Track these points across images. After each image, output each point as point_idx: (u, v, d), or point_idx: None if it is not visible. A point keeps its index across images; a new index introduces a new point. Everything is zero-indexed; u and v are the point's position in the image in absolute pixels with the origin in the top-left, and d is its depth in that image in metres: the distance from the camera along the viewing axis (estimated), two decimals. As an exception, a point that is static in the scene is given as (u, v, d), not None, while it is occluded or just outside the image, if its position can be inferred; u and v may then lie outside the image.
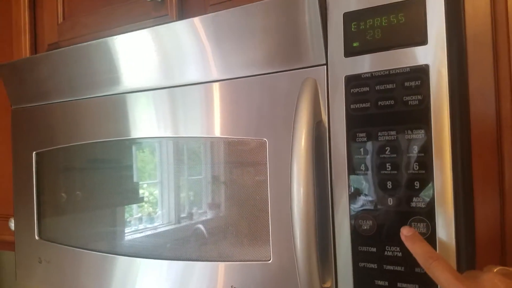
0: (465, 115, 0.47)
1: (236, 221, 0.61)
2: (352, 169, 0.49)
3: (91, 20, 0.82)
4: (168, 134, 0.65)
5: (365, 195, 0.49)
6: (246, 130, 0.58)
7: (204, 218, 0.65)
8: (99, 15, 0.81)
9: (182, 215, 0.68)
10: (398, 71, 0.47)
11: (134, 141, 0.70)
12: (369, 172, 0.48)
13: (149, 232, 0.71)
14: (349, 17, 0.50)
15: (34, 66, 0.77)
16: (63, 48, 0.73)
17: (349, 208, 0.50)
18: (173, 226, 0.69)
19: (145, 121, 0.67)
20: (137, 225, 0.72)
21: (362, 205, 0.49)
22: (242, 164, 0.61)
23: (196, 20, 0.60)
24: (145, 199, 0.72)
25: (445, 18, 0.45)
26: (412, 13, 0.47)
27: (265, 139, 0.56)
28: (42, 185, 0.81)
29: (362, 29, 0.49)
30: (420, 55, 0.46)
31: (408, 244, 0.43)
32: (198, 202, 0.66)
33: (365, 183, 0.49)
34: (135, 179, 0.72)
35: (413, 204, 0.46)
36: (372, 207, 0.48)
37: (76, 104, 0.75)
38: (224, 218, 0.63)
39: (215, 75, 0.61)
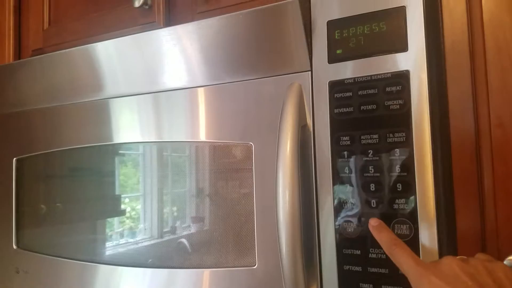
0: (445, 119, 0.49)
1: (221, 227, 0.61)
2: (336, 172, 0.50)
3: (78, 26, 0.82)
4: (152, 139, 0.65)
5: (349, 197, 0.49)
6: (232, 134, 0.58)
7: (188, 224, 0.65)
8: (86, 21, 0.81)
9: (166, 222, 0.67)
10: (380, 77, 0.48)
11: (116, 147, 0.70)
12: (353, 175, 0.49)
13: (131, 240, 0.70)
14: (333, 25, 0.52)
15: (14, 73, 0.76)
16: (43, 55, 0.73)
17: (334, 211, 0.50)
18: (156, 233, 0.68)
19: (128, 127, 0.67)
20: (119, 234, 0.71)
21: (346, 208, 0.50)
22: (227, 169, 0.61)
23: (180, 28, 0.60)
24: (128, 207, 0.71)
25: (424, 26, 0.47)
26: (393, 21, 0.48)
27: (251, 143, 0.57)
28: (21, 192, 0.79)
29: (345, 36, 0.51)
30: (401, 61, 0.48)
31: (375, 233, 0.45)
32: (181, 209, 0.66)
33: (349, 185, 0.49)
34: (117, 187, 0.72)
35: (395, 206, 0.47)
36: (356, 210, 0.49)
37: (58, 110, 0.74)
38: (209, 223, 0.63)
39: (200, 81, 0.61)
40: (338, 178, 0.50)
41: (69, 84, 0.72)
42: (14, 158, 0.78)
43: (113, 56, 0.67)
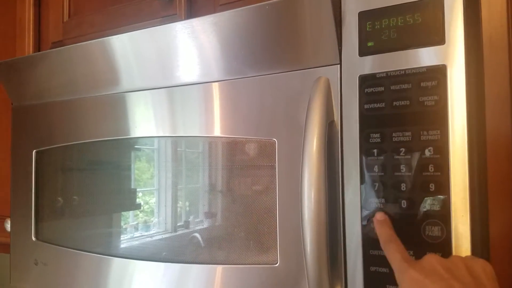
0: (482, 117, 0.47)
1: (242, 223, 0.60)
2: (365, 171, 0.48)
3: (98, 19, 0.82)
4: (171, 133, 0.64)
5: (378, 197, 0.47)
6: (254, 130, 0.57)
7: (207, 220, 0.64)
8: (106, 13, 0.80)
9: (185, 217, 0.66)
10: (414, 71, 0.46)
11: (133, 140, 0.69)
12: (383, 174, 0.47)
13: (147, 234, 0.69)
14: (364, 16, 0.49)
15: (34, 65, 0.76)
16: (62, 47, 0.72)
17: (361, 211, 0.48)
18: (173, 228, 0.67)
19: (144, 121, 0.66)
20: (135, 227, 0.71)
21: (375, 208, 0.48)
22: (249, 165, 0.60)
23: (196, 21, 0.59)
24: (144, 201, 0.70)
25: (463, 18, 0.45)
26: (429, 13, 0.46)
27: (274, 139, 0.55)
28: (41, 184, 0.79)
29: (378, 28, 0.49)
30: (437, 55, 0.45)
31: (377, 227, 0.46)
32: (202, 204, 0.65)
33: (378, 185, 0.48)
34: (133, 180, 0.71)
35: (427, 207, 0.45)
36: (385, 210, 0.47)
37: (76, 103, 0.73)
38: (229, 220, 0.61)
39: (217, 76, 0.60)
40: (366, 177, 0.48)
41: (87, 77, 0.71)
42: (34, 150, 0.78)
43: (128, 50, 0.66)
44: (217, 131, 0.60)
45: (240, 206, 0.61)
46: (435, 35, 0.45)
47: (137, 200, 0.71)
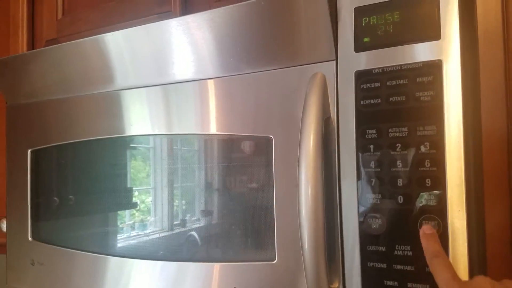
0: (477, 112, 0.47)
1: (239, 221, 0.60)
2: (361, 167, 0.48)
3: (92, 16, 0.81)
4: (167, 131, 0.64)
5: (375, 193, 0.48)
6: (251, 127, 0.57)
7: (205, 218, 0.64)
8: (101, 10, 0.80)
9: (181, 215, 0.66)
10: (410, 67, 0.46)
11: (128, 139, 0.69)
12: (379, 170, 0.47)
13: (144, 233, 0.69)
14: (360, 12, 0.49)
15: (27, 63, 0.75)
16: (55, 45, 0.71)
17: (358, 207, 0.48)
18: (170, 227, 0.67)
19: (139, 119, 0.66)
20: (132, 226, 0.70)
21: (372, 204, 0.48)
22: (245, 162, 0.60)
23: (191, 17, 0.58)
24: (140, 200, 0.70)
25: (458, 13, 0.45)
26: (425, 8, 0.46)
27: (270, 135, 0.55)
28: (36, 184, 0.78)
29: (373, 24, 0.49)
30: (433, 50, 0.45)
31: (423, 241, 0.43)
32: (199, 202, 0.65)
33: (375, 180, 0.48)
34: (129, 179, 0.71)
35: (424, 202, 0.45)
36: (381, 205, 0.47)
37: (71, 101, 0.73)
38: (227, 218, 0.61)
39: (211, 73, 0.60)
40: (363, 173, 0.48)
41: (81, 75, 0.71)
42: (29, 150, 0.78)
43: (122, 47, 0.65)
44: (213, 129, 0.60)
45: (237, 203, 0.61)
46: (431, 31, 0.45)
47: (134, 199, 0.70)
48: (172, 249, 0.65)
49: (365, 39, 0.49)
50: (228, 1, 0.67)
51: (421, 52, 0.46)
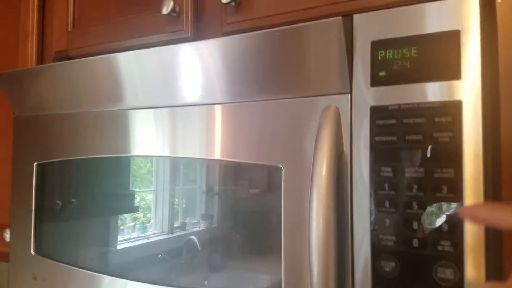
0: (497, 156, 0.45)
1: (246, 254, 0.59)
2: (375, 206, 0.47)
3: (103, 30, 0.80)
4: (167, 154, 0.63)
5: (389, 234, 0.46)
6: (256, 155, 0.55)
7: (210, 248, 0.63)
8: (111, 25, 0.79)
9: (184, 243, 0.65)
10: (428, 105, 0.45)
11: (133, 159, 0.68)
12: (394, 210, 0.46)
13: (146, 255, 0.68)
14: (377, 46, 0.48)
15: (37, 76, 0.75)
16: (67, 61, 0.70)
17: (371, 247, 0.47)
18: (169, 248, 0.66)
19: (145, 139, 0.65)
20: (135, 247, 0.70)
21: (385, 245, 0.46)
22: (255, 190, 0.59)
23: (203, 43, 0.57)
24: (142, 215, 0.70)
25: (480, 53, 0.43)
26: (445, 46, 0.44)
27: (281, 166, 0.54)
28: (40, 198, 0.78)
29: (390, 58, 0.47)
30: (453, 90, 0.44)
31: None
32: (205, 232, 0.63)
33: (389, 221, 0.46)
34: (133, 200, 0.70)
35: (440, 248, 0.44)
36: (395, 248, 0.45)
37: (78, 117, 0.72)
38: (232, 251, 0.60)
39: (220, 98, 0.58)
40: (376, 213, 0.47)
41: (91, 92, 0.70)
42: (35, 163, 0.77)
43: (134, 67, 0.64)
44: (217, 154, 0.59)
45: (244, 234, 0.59)
46: (451, 69, 0.44)
47: (136, 220, 0.70)
48: (171, 271, 0.64)
49: (381, 73, 0.48)
50: (241, 24, 0.66)
51: (440, 91, 0.44)
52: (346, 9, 0.58)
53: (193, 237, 0.64)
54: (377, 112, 0.47)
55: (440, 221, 0.43)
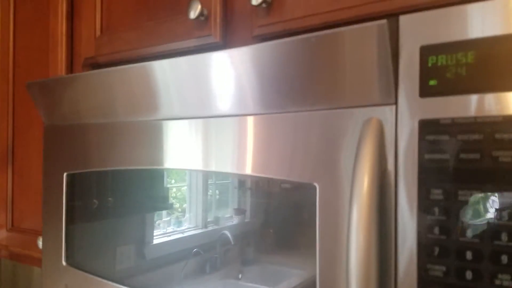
0: None
1: (279, 249, 0.56)
2: (423, 232, 0.42)
3: (130, 36, 0.78)
4: (200, 167, 0.60)
5: (438, 264, 0.41)
6: (289, 171, 0.51)
7: (243, 267, 0.60)
8: (139, 30, 0.77)
9: (218, 261, 0.62)
10: (488, 120, 0.39)
11: (167, 171, 0.66)
12: (445, 238, 0.41)
13: (180, 268, 0.66)
14: (427, 51, 0.42)
15: (69, 86, 0.74)
16: (100, 70, 0.69)
17: (417, 278, 0.42)
18: (205, 268, 0.63)
19: (178, 151, 0.62)
20: (165, 259, 0.68)
21: (433, 277, 0.41)
22: (286, 187, 0.55)
23: (235, 51, 0.53)
24: (174, 228, 0.68)
25: (552, 59, 0.37)
26: (509, 51, 0.38)
27: (315, 183, 0.50)
28: (71, 208, 0.77)
29: (442, 65, 0.42)
30: (518, 102, 0.38)
31: None
32: (235, 248, 0.61)
33: (438, 250, 0.41)
34: (165, 213, 0.68)
35: (498, 282, 0.38)
36: (445, 280, 0.40)
37: (110, 127, 0.70)
38: (265, 245, 0.57)
39: (253, 108, 0.54)
40: (424, 239, 0.42)
41: (123, 101, 0.68)
42: (65, 173, 0.77)
43: (169, 76, 0.61)
44: (248, 169, 0.55)
45: (276, 227, 0.56)
46: (517, 79, 0.38)
47: (168, 222, 0.68)
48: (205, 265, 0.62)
49: (432, 82, 0.42)
50: (272, 26, 0.61)
51: (501, 103, 0.39)
52: (391, 8, 0.53)
53: (226, 232, 0.62)
54: (427, 127, 0.42)
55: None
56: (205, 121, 0.59)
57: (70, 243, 0.77)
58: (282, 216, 0.57)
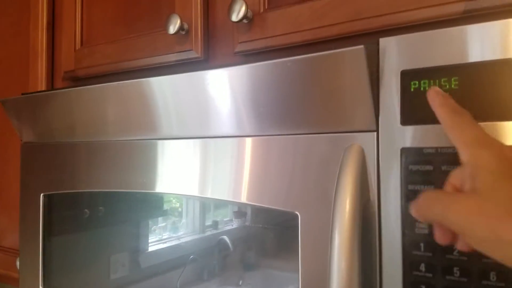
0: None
1: (280, 253, 0.53)
2: (409, 269, 0.39)
3: (110, 49, 0.76)
4: (196, 192, 0.56)
5: (424, 302, 0.39)
6: (277, 199, 0.49)
7: (244, 273, 0.57)
8: (119, 44, 0.74)
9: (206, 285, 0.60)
10: (473, 150, 0.37)
11: (156, 195, 0.63)
12: (431, 275, 0.38)
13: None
14: (409, 76, 0.40)
15: (49, 102, 0.70)
16: (90, 86, 0.63)
17: (402, 315, 0.40)
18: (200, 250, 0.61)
19: (172, 173, 0.58)
20: (161, 267, 0.66)
21: (419, 314, 0.39)
22: (271, 234, 0.53)
23: (229, 70, 0.50)
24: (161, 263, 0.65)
25: (541, 87, 0.35)
26: (495, 78, 0.36)
27: (297, 212, 0.47)
28: (48, 230, 0.74)
29: (425, 90, 0.40)
30: (505, 133, 0.36)
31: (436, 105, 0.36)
32: (235, 253, 0.58)
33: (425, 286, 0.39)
34: (149, 241, 0.65)
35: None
36: (433, 320, 0.38)
37: (92, 146, 0.67)
38: (266, 250, 0.55)
39: (248, 130, 0.51)
40: (410, 277, 0.39)
41: (105, 119, 0.64)
42: (41, 194, 0.74)
43: (167, 95, 0.57)
44: (243, 198, 0.52)
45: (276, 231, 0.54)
46: (502, 108, 0.36)
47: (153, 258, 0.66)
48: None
49: (414, 109, 0.40)
50: (253, 43, 0.59)
51: (490, 133, 0.36)
52: (372, 26, 0.50)
53: (224, 237, 0.60)
54: (409, 156, 0.40)
55: (489, 292, 0.36)
56: (203, 142, 0.56)
57: (48, 266, 0.74)
58: (281, 220, 0.54)
